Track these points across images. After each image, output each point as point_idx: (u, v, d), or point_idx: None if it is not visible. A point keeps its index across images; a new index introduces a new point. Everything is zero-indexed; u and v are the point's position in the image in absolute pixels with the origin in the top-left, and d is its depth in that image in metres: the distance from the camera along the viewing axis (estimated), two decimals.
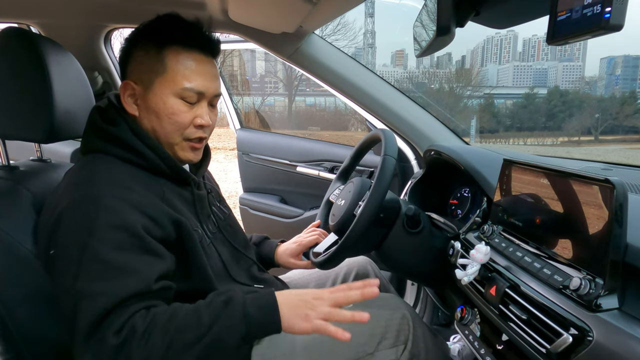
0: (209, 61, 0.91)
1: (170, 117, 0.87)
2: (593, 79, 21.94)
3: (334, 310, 0.75)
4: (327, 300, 0.76)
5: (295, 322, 0.75)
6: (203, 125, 0.90)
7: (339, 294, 0.77)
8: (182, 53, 0.87)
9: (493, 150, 1.22)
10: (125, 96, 0.89)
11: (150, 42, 0.87)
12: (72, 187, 0.80)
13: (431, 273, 1.13)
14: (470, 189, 1.29)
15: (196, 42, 0.88)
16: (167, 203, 0.84)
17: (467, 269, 0.83)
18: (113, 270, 0.70)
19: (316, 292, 0.78)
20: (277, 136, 2.18)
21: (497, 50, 27.48)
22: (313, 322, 0.74)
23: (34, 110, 0.90)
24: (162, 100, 0.86)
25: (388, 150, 1.00)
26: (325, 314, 0.75)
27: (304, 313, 0.75)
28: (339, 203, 1.13)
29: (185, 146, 0.91)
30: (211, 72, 0.90)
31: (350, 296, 0.77)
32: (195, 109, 0.89)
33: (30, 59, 0.89)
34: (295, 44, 1.35)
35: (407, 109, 1.51)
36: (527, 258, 0.78)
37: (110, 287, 0.69)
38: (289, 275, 1.33)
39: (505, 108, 18.37)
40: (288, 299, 0.78)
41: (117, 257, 0.71)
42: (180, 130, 0.88)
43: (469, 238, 0.99)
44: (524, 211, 0.85)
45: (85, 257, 0.70)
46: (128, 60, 0.90)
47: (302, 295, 0.78)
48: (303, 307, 0.76)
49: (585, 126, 15.84)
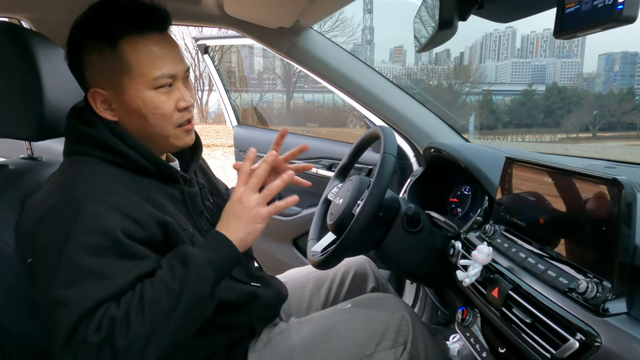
0: (166, 37, 0.84)
1: (155, 112, 0.82)
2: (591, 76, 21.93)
3: (262, 193, 0.82)
4: (248, 191, 0.82)
5: (249, 229, 0.81)
6: (187, 107, 0.86)
7: (251, 179, 0.83)
8: (138, 41, 0.79)
9: (494, 148, 1.20)
10: (97, 105, 0.82)
11: (99, 41, 0.79)
12: (52, 191, 0.78)
13: (431, 273, 1.11)
14: (470, 187, 1.27)
15: (146, 23, 0.80)
16: (153, 203, 0.82)
17: (469, 270, 0.81)
18: (89, 276, 0.69)
19: (234, 198, 0.83)
20: (274, 133, 2.14)
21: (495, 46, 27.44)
22: (262, 215, 0.81)
23: (23, 107, 0.87)
24: (139, 99, 0.81)
25: (387, 148, 0.98)
26: (260, 201, 0.82)
27: (248, 218, 0.81)
28: (337, 202, 1.11)
29: (179, 133, 0.87)
30: (173, 49, 0.84)
31: (259, 172, 0.84)
32: (173, 94, 0.84)
33: (19, 54, 0.86)
34: (292, 39, 1.32)
35: (406, 105, 1.49)
36: (530, 259, 0.75)
37: (86, 293, 0.67)
38: (286, 275, 1.31)
39: (504, 104, 18.35)
40: (227, 223, 0.82)
41: (93, 263, 0.69)
42: (168, 120, 0.84)
43: (470, 238, 0.97)
44: (527, 211, 0.83)
45: (62, 263, 0.68)
46: (82, 67, 0.82)
47: (231, 212, 0.82)
48: (242, 215, 0.81)
49: (583, 123, 15.83)
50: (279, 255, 2.00)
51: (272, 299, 1.03)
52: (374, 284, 1.29)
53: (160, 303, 0.69)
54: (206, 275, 0.74)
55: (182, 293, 0.71)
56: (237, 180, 0.85)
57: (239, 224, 0.81)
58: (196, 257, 0.75)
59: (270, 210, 0.82)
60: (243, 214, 0.81)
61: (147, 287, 0.71)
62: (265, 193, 0.82)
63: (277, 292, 1.06)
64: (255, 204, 0.81)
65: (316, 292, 1.25)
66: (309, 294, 1.25)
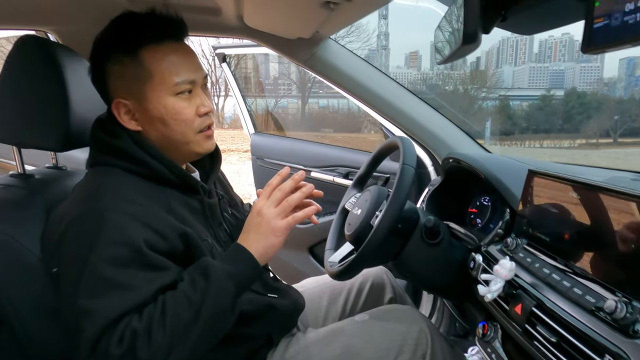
0: (184, 46, 0.87)
1: (176, 118, 0.84)
2: (612, 80, 21.50)
3: (282, 205, 0.82)
4: (269, 203, 0.83)
5: (268, 242, 0.81)
6: (207, 112, 0.88)
7: (274, 193, 0.83)
8: (158, 49, 0.83)
9: (515, 159, 1.18)
10: (121, 115, 0.85)
11: (120, 52, 0.82)
12: (76, 201, 0.80)
13: (450, 286, 1.09)
14: (490, 197, 1.25)
15: (165, 32, 0.84)
16: (174, 214, 0.83)
17: (491, 286, 0.79)
18: (112, 287, 0.70)
19: (254, 210, 0.83)
20: (292, 141, 2.16)
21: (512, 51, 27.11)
22: (281, 227, 0.81)
23: (49, 119, 0.89)
24: (161, 106, 0.83)
25: (407, 160, 0.97)
26: (279, 213, 0.82)
27: (267, 231, 0.81)
28: (355, 212, 1.10)
29: (200, 139, 0.89)
30: (191, 57, 0.87)
31: (284, 187, 0.84)
32: (193, 100, 0.86)
33: (46, 66, 0.88)
34: (311, 50, 1.33)
35: (424, 114, 1.48)
36: (554, 275, 0.74)
37: (109, 304, 0.69)
38: (302, 285, 1.31)
39: (521, 110, 18.11)
40: (247, 236, 0.82)
41: (117, 274, 0.71)
42: (190, 126, 0.86)
43: (491, 251, 0.95)
44: (550, 224, 0.81)
45: (86, 274, 0.70)
46: (105, 79, 0.85)
47: (251, 224, 0.83)
48: (261, 228, 0.81)
49: (603, 128, 15.50)
50: (295, 263, 2.00)
51: (289, 309, 1.03)
52: (392, 295, 1.28)
53: (181, 316, 0.70)
54: (227, 287, 0.75)
55: (203, 305, 0.72)
56: (262, 193, 0.86)
57: (258, 237, 0.81)
58: (217, 269, 0.76)
59: (289, 222, 0.82)
60: (262, 227, 0.81)
61: (168, 299, 0.72)
62: (285, 205, 0.83)
63: (294, 303, 1.05)
64: (274, 216, 0.82)
65: (333, 303, 1.24)
66: (326, 304, 1.24)
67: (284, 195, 0.83)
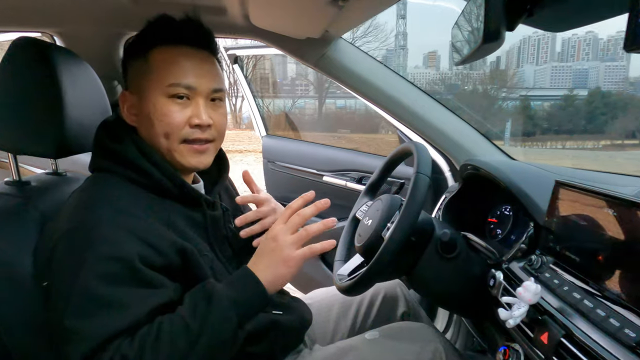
0: (202, 55, 0.84)
1: (162, 119, 0.80)
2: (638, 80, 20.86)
3: (299, 233, 0.75)
4: (285, 229, 0.76)
5: (279, 272, 0.75)
6: (200, 125, 0.82)
7: (293, 217, 0.77)
8: (168, 50, 0.82)
9: (540, 167, 1.10)
10: (124, 108, 0.84)
11: (138, 48, 0.84)
12: (71, 212, 0.76)
13: (468, 303, 1.02)
14: (511, 207, 1.17)
15: (182, 37, 0.83)
16: (173, 228, 0.78)
17: (513, 310, 0.72)
18: (102, 306, 0.66)
19: (270, 234, 0.77)
20: (303, 144, 2.12)
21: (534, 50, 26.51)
22: (294, 258, 0.75)
23: (45, 124, 0.86)
24: (152, 103, 0.81)
25: (421, 168, 0.90)
26: (294, 242, 0.75)
27: (279, 259, 0.74)
28: (366, 222, 1.04)
29: (185, 150, 0.83)
30: (204, 66, 0.84)
31: (304, 213, 0.77)
32: (189, 108, 0.82)
33: (40, 69, 0.85)
34: (321, 50, 1.27)
35: (441, 117, 1.40)
36: (586, 302, 0.66)
37: (98, 325, 0.64)
38: (311, 296, 1.26)
39: (543, 110, 17.70)
40: (259, 260, 0.76)
41: (107, 292, 0.66)
42: (174, 132, 0.81)
43: (512, 268, 0.88)
44: (581, 242, 0.73)
45: (75, 291, 0.66)
46: (126, 71, 0.87)
47: (264, 249, 0.77)
48: (274, 255, 0.75)
49: (629, 129, 15.03)
50: (306, 269, 1.95)
51: (294, 325, 0.97)
52: (405, 308, 1.21)
53: (177, 344, 0.66)
54: (228, 317, 0.70)
55: (201, 335, 0.67)
56: (280, 216, 0.79)
57: (269, 264, 0.75)
58: (221, 297, 0.70)
59: (304, 253, 0.76)
60: (275, 255, 0.75)
61: (165, 324, 0.67)
62: (302, 234, 0.76)
63: (300, 318, 1.00)
64: (289, 244, 0.75)
65: (343, 316, 1.19)
66: (335, 318, 1.18)
67: (302, 222, 0.77)
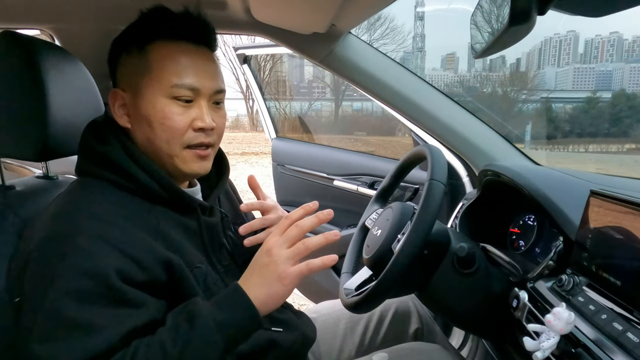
0: (204, 53, 0.78)
1: (163, 122, 0.74)
2: None
3: (296, 247, 0.67)
4: (281, 242, 0.68)
5: (272, 291, 0.66)
6: (204, 129, 0.76)
7: (290, 229, 0.68)
8: (168, 46, 0.76)
9: (570, 174, 0.99)
10: (115, 107, 0.77)
11: (132, 42, 0.77)
12: (49, 219, 0.70)
13: (487, 324, 0.92)
14: (535, 216, 1.07)
15: (183, 32, 0.76)
16: (162, 238, 0.71)
17: (541, 339, 0.62)
18: (73, 328, 0.59)
19: (264, 248, 0.69)
20: (314, 146, 2.06)
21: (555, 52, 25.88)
22: (290, 275, 0.66)
23: (26, 125, 0.79)
24: (151, 105, 0.74)
25: (435, 174, 0.81)
26: (290, 257, 0.67)
27: (273, 276, 0.66)
28: (375, 232, 0.95)
29: (188, 156, 0.77)
30: (206, 65, 0.77)
31: (304, 225, 0.68)
32: (192, 110, 0.75)
33: (23, 67, 0.78)
34: (329, 46, 1.18)
35: (459, 119, 1.31)
36: (630, 335, 0.56)
37: (67, 350, 0.57)
38: (317, 309, 1.18)
39: (565, 113, 17.28)
40: (251, 276, 0.68)
41: (79, 312, 0.59)
42: (176, 137, 0.75)
43: (539, 288, 0.78)
44: (621, 263, 0.63)
45: (44, 311, 0.59)
46: (115, 67, 0.79)
47: (257, 264, 0.69)
48: (268, 271, 0.67)
49: None
50: (316, 277, 1.88)
51: (295, 345, 0.89)
52: (418, 325, 1.13)
53: None
54: (213, 342, 0.62)
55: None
56: (276, 226, 0.71)
57: (262, 281, 0.67)
58: (206, 318, 0.62)
59: (301, 270, 0.67)
60: (268, 270, 0.67)
61: (141, 350, 0.60)
62: (300, 247, 0.67)
63: (302, 336, 0.92)
64: (284, 259, 0.67)
65: (350, 332, 1.10)
66: (342, 333, 1.10)
67: (301, 235, 0.68)
